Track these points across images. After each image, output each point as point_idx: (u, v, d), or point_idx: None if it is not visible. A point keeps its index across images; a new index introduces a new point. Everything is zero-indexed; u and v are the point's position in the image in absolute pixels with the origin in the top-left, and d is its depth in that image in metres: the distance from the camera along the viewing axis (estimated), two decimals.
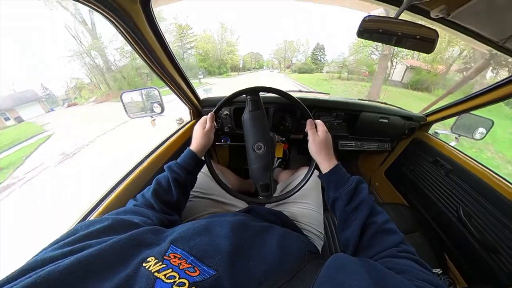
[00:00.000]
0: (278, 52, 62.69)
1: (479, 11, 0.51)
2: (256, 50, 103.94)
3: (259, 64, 72.82)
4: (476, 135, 1.11)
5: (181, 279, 0.24)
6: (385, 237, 0.42)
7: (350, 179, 0.51)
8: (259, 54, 77.55)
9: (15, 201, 5.76)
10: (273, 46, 49.19)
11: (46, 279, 0.21)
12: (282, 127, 1.15)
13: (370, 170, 1.75)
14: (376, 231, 0.43)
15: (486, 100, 0.87)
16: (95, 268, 0.23)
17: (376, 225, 0.43)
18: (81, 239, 0.28)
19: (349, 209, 0.48)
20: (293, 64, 54.89)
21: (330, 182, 0.54)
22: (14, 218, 4.96)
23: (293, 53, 58.96)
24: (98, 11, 0.47)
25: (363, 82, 17.64)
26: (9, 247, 3.91)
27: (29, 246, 3.34)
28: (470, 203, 0.92)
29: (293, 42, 59.88)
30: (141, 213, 0.42)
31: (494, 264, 0.80)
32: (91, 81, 27.11)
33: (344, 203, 0.49)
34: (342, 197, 0.49)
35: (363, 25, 0.60)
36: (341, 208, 0.50)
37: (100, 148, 7.87)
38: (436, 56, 14.63)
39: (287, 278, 0.30)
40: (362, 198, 0.47)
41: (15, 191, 6.25)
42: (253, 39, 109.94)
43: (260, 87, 0.67)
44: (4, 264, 2.87)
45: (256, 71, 63.00)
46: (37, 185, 6.27)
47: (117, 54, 20.98)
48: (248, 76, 38.80)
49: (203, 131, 0.64)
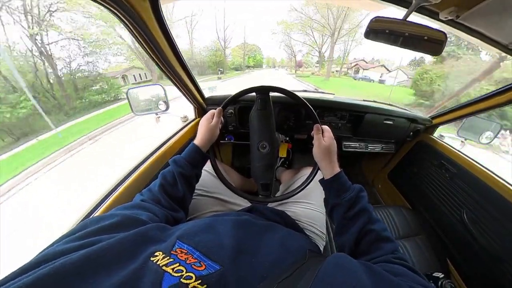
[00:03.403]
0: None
1: (488, 14, 0.51)
2: (251, 40, 78.97)
3: (255, 61, 52.36)
4: (483, 139, 1.09)
5: (188, 273, 0.25)
6: (382, 244, 0.44)
7: (351, 187, 0.53)
8: (256, 46, 54.21)
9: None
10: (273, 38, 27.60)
11: (60, 270, 0.21)
12: (286, 127, 1.15)
13: (373, 172, 1.74)
14: (375, 238, 0.45)
15: (494, 104, 0.85)
16: (105, 261, 0.24)
17: (375, 232, 0.45)
18: (91, 234, 0.28)
19: (349, 216, 0.49)
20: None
21: (331, 188, 0.55)
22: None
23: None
24: (107, 7, 0.47)
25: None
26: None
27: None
28: (474, 208, 0.91)
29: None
30: (148, 209, 0.42)
31: (497, 271, 0.79)
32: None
33: (344, 210, 0.50)
34: (342, 204, 0.51)
35: (370, 26, 0.60)
36: (340, 214, 0.51)
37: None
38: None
39: (288, 274, 0.31)
40: (361, 206, 0.49)
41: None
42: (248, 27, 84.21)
43: (271, 87, 0.68)
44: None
45: (249, 71, 43.35)
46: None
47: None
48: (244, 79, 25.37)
49: (209, 126, 0.64)
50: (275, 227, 0.46)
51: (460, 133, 1.17)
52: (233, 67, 43.51)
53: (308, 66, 39.37)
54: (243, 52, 47.72)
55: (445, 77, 13.00)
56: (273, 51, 68.70)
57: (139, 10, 0.51)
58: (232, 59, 44.51)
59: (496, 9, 0.48)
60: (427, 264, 0.88)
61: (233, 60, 44.89)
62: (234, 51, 46.18)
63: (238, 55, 46.71)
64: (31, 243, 2.46)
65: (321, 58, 28.20)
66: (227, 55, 39.29)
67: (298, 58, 37.73)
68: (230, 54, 44.39)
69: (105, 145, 5.62)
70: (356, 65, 30.88)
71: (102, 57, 13.64)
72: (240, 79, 23.57)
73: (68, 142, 5.58)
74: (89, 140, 5.96)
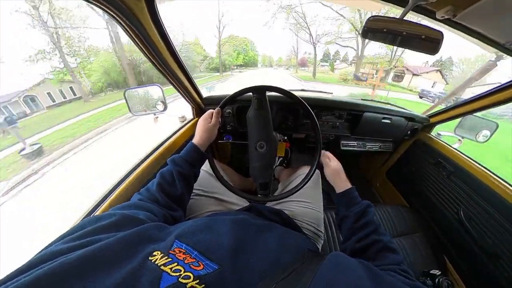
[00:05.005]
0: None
1: (485, 13, 0.51)
2: (242, 33, 64.27)
3: (246, 58, 44.33)
4: (480, 137, 1.10)
5: (186, 272, 0.25)
6: (389, 254, 0.47)
7: (361, 202, 0.58)
8: (247, 39, 46.71)
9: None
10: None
11: (59, 270, 0.21)
12: (285, 126, 1.15)
13: (371, 170, 1.74)
14: (382, 248, 0.48)
15: (491, 102, 0.86)
16: (103, 261, 0.24)
17: (382, 243, 0.49)
18: (89, 234, 0.28)
19: (356, 227, 0.54)
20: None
21: (342, 201, 0.61)
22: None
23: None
24: (102, 8, 0.47)
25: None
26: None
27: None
28: (471, 206, 0.91)
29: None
30: (146, 208, 0.42)
31: (493, 267, 0.80)
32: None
33: (352, 221, 0.55)
34: (351, 216, 0.56)
35: (368, 25, 0.60)
36: (348, 226, 0.56)
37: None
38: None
39: (286, 274, 0.31)
40: (369, 219, 0.54)
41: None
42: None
43: (267, 86, 0.67)
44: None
45: (243, 70, 37.64)
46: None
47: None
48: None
49: (207, 126, 0.64)
50: (273, 226, 0.46)
51: (457, 131, 1.18)
52: (212, 67, 35.26)
53: (312, 65, 33.80)
54: (230, 47, 38.95)
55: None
56: (269, 49, 59.24)
57: (135, 10, 0.50)
58: (212, 57, 35.59)
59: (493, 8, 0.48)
60: (424, 262, 0.89)
61: (215, 58, 35.15)
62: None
63: (223, 50, 37.81)
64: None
65: (363, 49, 19.19)
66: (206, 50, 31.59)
67: (299, 55, 32.79)
68: (217, 51, 36.34)
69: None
70: (403, 68, 21.26)
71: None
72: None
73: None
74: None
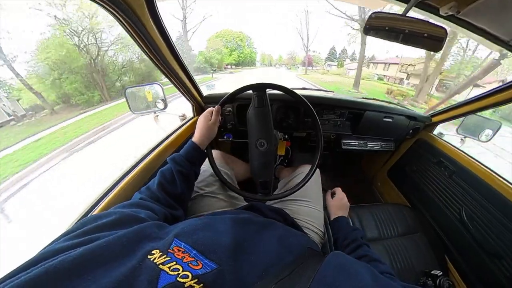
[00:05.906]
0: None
1: (490, 9, 0.50)
2: (237, 27, 58.23)
3: (241, 56, 38.61)
4: (482, 137, 1.10)
5: (184, 271, 0.25)
6: (377, 264, 0.52)
7: (350, 226, 0.70)
8: (242, 33, 39.90)
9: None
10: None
11: (59, 268, 0.22)
12: (285, 124, 1.14)
13: (372, 170, 1.74)
14: (369, 260, 0.54)
15: (494, 102, 0.85)
16: (103, 259, 0.24)
17: (368, 256, 0.55)
18: (89, 232, 0.28)
19: (345, 244, 0.64)
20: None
21: (334, 225, 0.74)
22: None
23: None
24: (101, 5, 0.46)
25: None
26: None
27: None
28: (473, 205, 0.91)
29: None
30: (147, 207, 0.42)
31: (495, 268, 0.79)
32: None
33: (341, 240, 0.66)
34: (340, 237, 0.68)
35: (369, 22, 0.59)
36: (339, 243, 0.67)
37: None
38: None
39: (287, 273, 0.31)
40: (354, 237, 0.64)
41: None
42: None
43: (268, 84, 0.67)
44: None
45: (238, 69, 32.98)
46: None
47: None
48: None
49: (207, 124, 0.64)
50: (274, 224, 0.45)
51: (460, 131, 1.17)
52: (195, 67, 28.02)
53: (318, 64, 29.16)
54: (221, 43, 32.34)
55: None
56: (268, 46, 53.10)
57: (134, 7, 0.50)
58: (198, 56, 28.76)
59: (497, 4, 0.47)
60: (425, 262, 0.88)
61: (201, 57, 28.57)
62: (210, 41, 33.39)
63: (212, 46, 32.00)
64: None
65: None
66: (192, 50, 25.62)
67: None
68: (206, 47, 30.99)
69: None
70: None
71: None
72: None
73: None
74: None
